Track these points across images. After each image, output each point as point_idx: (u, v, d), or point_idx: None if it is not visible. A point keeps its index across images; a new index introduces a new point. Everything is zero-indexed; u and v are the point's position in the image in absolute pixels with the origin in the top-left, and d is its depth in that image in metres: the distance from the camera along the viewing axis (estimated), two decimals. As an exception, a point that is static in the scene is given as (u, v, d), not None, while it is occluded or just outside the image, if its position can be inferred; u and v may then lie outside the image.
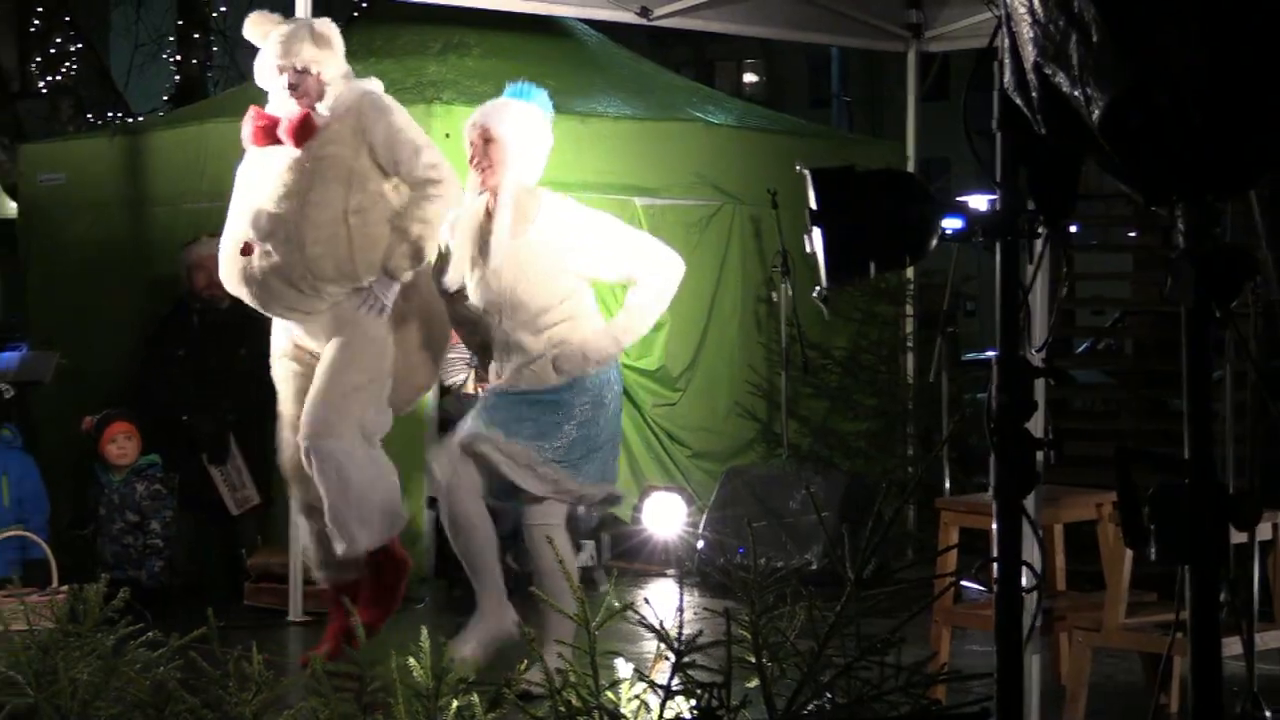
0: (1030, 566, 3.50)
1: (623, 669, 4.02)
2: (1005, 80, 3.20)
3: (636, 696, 3.92)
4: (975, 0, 8.80)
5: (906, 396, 9.86)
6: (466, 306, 6.56)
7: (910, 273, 9.77)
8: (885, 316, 10.01)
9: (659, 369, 9.53)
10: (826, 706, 3.77)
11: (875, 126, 29.69)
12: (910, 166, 9.85)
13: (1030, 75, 3.05)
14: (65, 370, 9.07)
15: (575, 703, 3.86)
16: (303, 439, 6.51)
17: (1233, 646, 4.87)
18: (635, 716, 3.89)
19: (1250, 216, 4.09)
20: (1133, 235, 10.96)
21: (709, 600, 7.91)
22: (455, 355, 8.15)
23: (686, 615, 3.91)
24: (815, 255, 3.47)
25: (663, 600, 8.03)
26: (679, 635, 3.81)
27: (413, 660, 3.98)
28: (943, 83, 20.75)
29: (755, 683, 3.82)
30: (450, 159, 6.71)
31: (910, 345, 9.94)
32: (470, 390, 8.51)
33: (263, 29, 6.68)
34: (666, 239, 7.05)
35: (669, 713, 3.78)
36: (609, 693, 3.91)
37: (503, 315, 6.41)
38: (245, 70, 12.64)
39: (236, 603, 8.17)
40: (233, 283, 6.64)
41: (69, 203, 9.99)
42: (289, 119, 6.53)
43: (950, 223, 3.47)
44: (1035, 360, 3.49)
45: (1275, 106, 2.84)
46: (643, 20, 9.55)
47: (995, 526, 3.42)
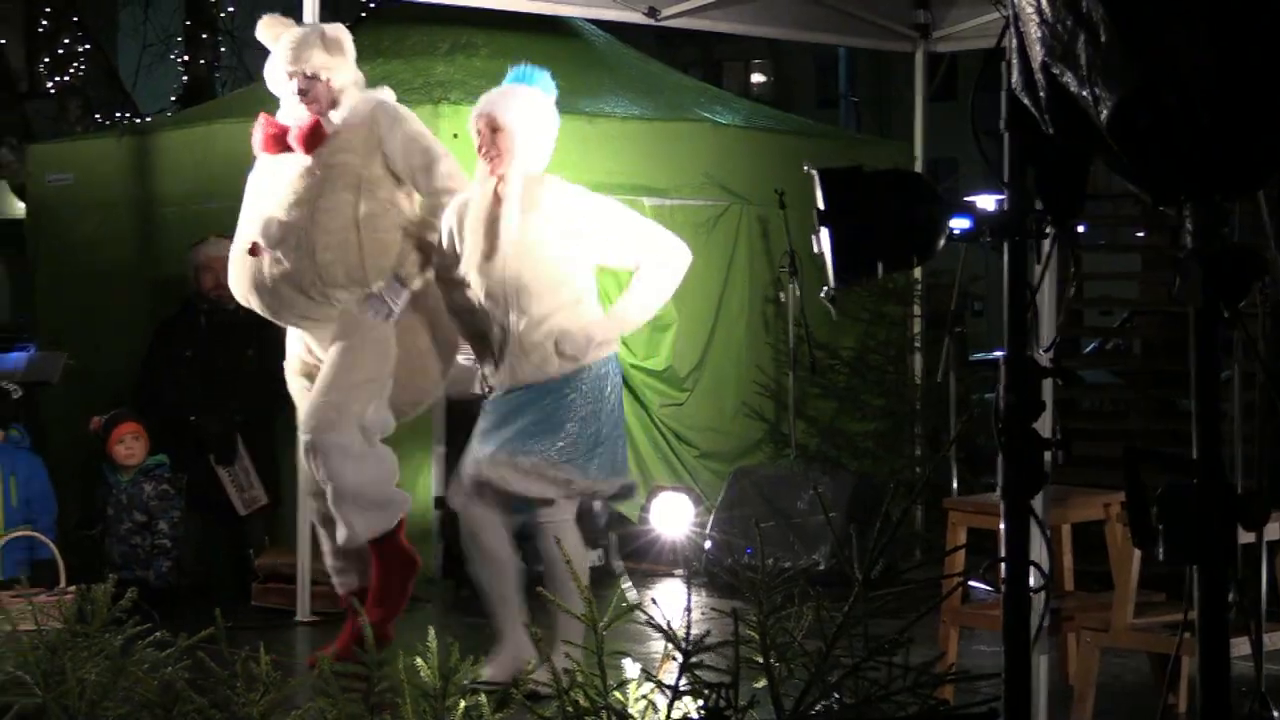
0: (1038, 567, 3.50)
1: (630, 669, 4.02)
2: (1013, 80, 3.20)
3: (644, 696, 3.92)
4: (983, 0, 8.79)
5: (914, 397, 9.84)
6: (465, 294, 6.51)
7: (918, 273, 9.74)
8: (893, 317, 9.99)
9: (666, 369, 9.52)
10: (834, 707, 3.76)
11: (883, 127, 29.72)
12: (918, 167, 9.84)
13: (1038, 75, 3.05)
14: (73, 371, 9.07)
15: (583, 703, 3.86)
16: (304, 433, 6.57)
17: (1241, 647, 4.87)
18: (643, 716, 3.89)
19: (1259, 216, 4.08)
20: (1141, 235, 10.96)
21: (716, 600, 7.89)
22: (464, 358, 8.11)
23: (694, 615, 3.91)
24: (823, 255, 3.47)
25: (670, 600, 8.03)
26: (687, 635, 3.81)
27: (420, 661, 3.98)
28: (950, 83, 20.74)
29: (763, 683, 3.82)
30: (458, 159, 6.71)
31: (918, 345, 9.92)
32: (477, 390, 8.49)
33: (274, 32, 6.68)
34: (674, 239, 7.04)
35: (676, 713, 3.78)
36: (616, 693, 3.91)
37: (507, 301, 6.34)
38: (253, 71, 12.68)
39: (244, 603, 8.17)
40: (243, 290, 6.64)
41: (77, 203, 9.99)
42: (299, 126, 6.54)
43: (958, 223, 3.46)
44: (1043, 360, 3.49)
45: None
46: (650, 20, 9.54)
47: (1003, 527, 3.41)
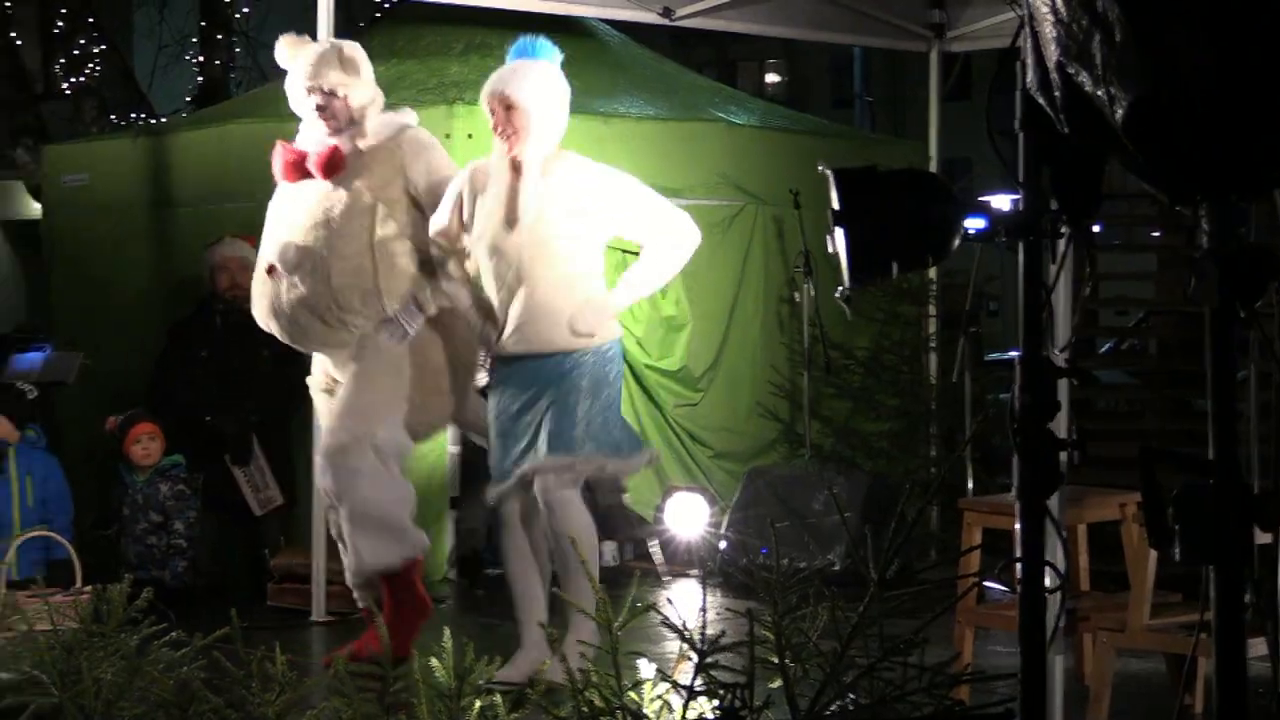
0: (1054, 567, 3.49)
1: (646, 669, 4.03)
2: (1028, 80, 3.20)
3: (659, 697, 3.92)
4: (998, 0, 8.78)
5: (929, 397, 9.84)
6: (464, 267, 6.52)
7: (933, 273, 9.74)
8: (908, 317, 9.98)
9: (681, 369, 9.51)
10: (849, 707, 3.76)
11: (897, 126, 29.69)
12: (933, 166, 9.83)
13: (1053, 75, 3.05)
14: (89, 371, 9.08)
15: (598, 703, 3.86)
16: (320, 456, 6.58)
17: (1257, 647, 4.85)
18: (658, 717, 3.89)
19: (1275, 216, 4.07)
20: (1156, 235, 10.93)
21: (731, 601, 7.89)
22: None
23: (709, 616, 3.91)
24: (838, 255, 3.47)
25: (685, 600, 8.02)
26: (702, 635, 3.81)
27: (435, 660, 3.98)
28: (965, 83, 20.63)
29: (778, 683, 3.82)
30: (473, 159, 6.72)
31: (933, 345, 9.92)
32: (481, 382, 8.47)
33: (292, 51, 6.70)
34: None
35: (692, 713, 3.79)
36: (632, 693, 3.91)
37: (520, 271, 6.32)
38: (268, 71, 12.69)
39: (260, 603, 8.17)
40: (263, 316, 6.66)
41: (92, 204, 10.01)
42: (318, 153, 6.56)
43: (973, 223, 3.46)
44: (1059, 360, 3.49)
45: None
46: (665, 20, 9.54)
47: (1019, 527, 3.41)
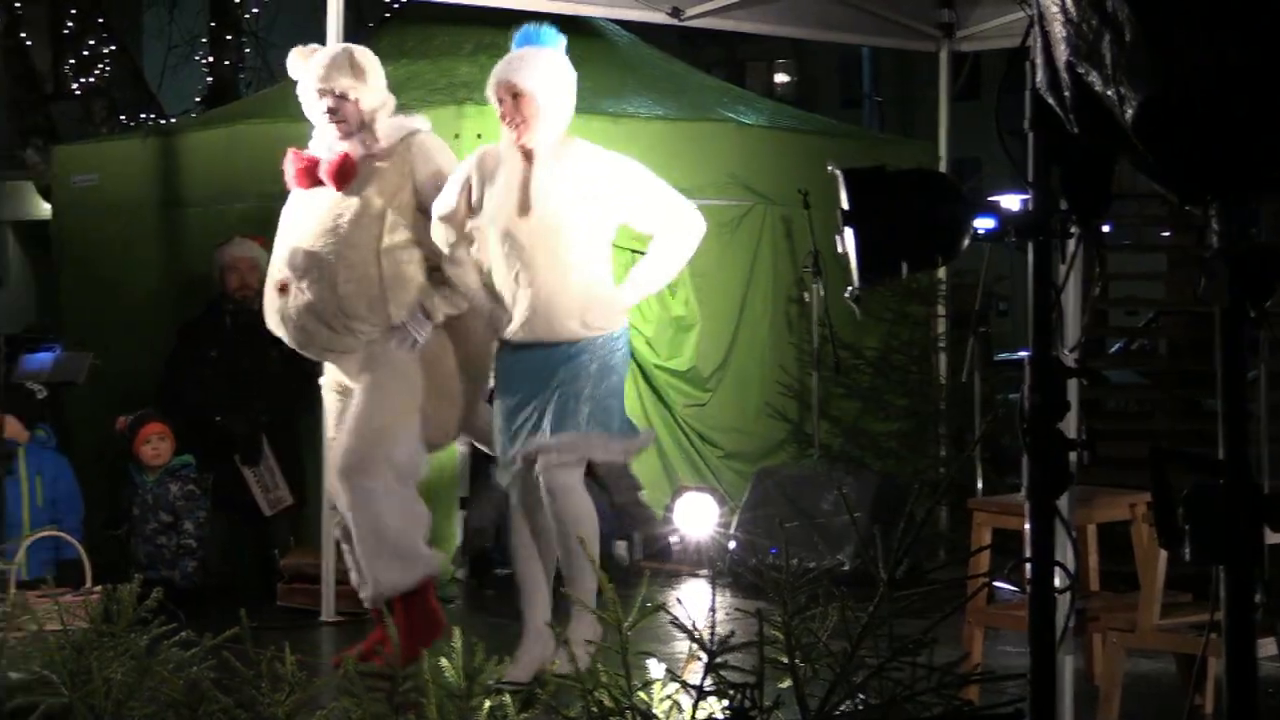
0: (1064, 567, 3.49)
1: (655, 669, 4.02)
2: (1037, 79, 3.19)
3: (669, 697, 3.92)
4: (1007, 0, 8.78)
5: (939, 397, 9.83)
6: (469, 252, 6.52)
7: (942, 273, 9.74)
8: (917, 317, 9.98)
9: (690, 369, 9.52)
10: (859, 707, 3.76)
11: (907, 126, 29.63)
12: (942, 166, 9.82)
13: (1063, 74, 3.04)
14: (99, 371, 9.08)
15: (607, 703, 3.86)
16: (336, 474, 6.55)
17: (1268, 647, 4.85)
18: (667, 717, 3.89)
19: (1285, 216, 4.07)
20: (1166, 235, 10.91)
21: (741, 601, 7.89)
22: None
23: (719, 616, 3.91)
24: (847, 255, 3.47)
25: (695, 601, 8.03)
26: (711, 636, 3.81)
27: (444, 660, 3.98)
28: (974, 82, 20.67)
29: (788, 683, 3.82)
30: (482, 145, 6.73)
31: (942, 345, 9.92)
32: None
33: (304, 58, 6.72)
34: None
35: (701, 713, 3.78)
36: (641, 693, 3.91)
37: (531, 258, 6.33)
38: (277, 72, 12.68)
39: (269, 603, 8.18)
40: (273, 323, 6.67)
41: (102, 204, 10.02)
42: (329, 161, 6.57)
43: (982, 222, 3.46)
44: (1068, 360, 3.48)
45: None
46: (674, 21, 9.54)
47: (1028, 527, 3.41)
